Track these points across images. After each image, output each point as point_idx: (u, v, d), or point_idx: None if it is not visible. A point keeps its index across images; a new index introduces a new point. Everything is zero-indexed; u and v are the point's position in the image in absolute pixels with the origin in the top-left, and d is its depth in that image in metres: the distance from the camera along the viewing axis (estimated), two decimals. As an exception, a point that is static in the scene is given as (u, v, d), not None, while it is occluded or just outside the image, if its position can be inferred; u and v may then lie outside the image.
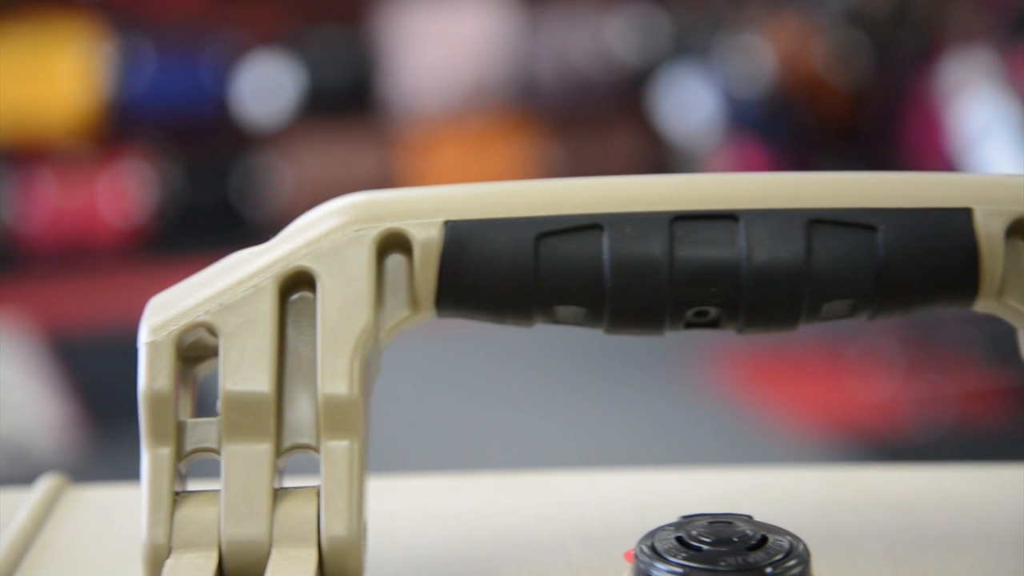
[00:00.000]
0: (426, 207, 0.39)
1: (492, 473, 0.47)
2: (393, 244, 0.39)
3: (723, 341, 2.60)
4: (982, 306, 0.40)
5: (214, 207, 2.81)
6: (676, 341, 2.53)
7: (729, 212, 0.39)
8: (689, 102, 2.98)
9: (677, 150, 3.07)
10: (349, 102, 2.96)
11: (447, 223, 0.39)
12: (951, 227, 0.39)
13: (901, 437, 2.30)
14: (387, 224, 0.39)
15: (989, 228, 0.39)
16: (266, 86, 2.89)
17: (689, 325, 0.41)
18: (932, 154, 2.53)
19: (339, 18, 3.00)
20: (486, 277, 0.39)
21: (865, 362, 2.56)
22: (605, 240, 0.39)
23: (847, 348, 2.60)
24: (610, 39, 3.16)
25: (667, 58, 3.09)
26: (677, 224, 0.39)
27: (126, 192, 2.80)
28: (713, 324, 0.41)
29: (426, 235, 0.39)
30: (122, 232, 2.78)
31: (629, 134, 3.18)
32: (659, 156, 3.12)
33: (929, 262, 0.39)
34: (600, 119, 3.15)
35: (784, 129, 2.85)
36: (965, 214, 0.39)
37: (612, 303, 0.39)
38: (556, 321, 0.41)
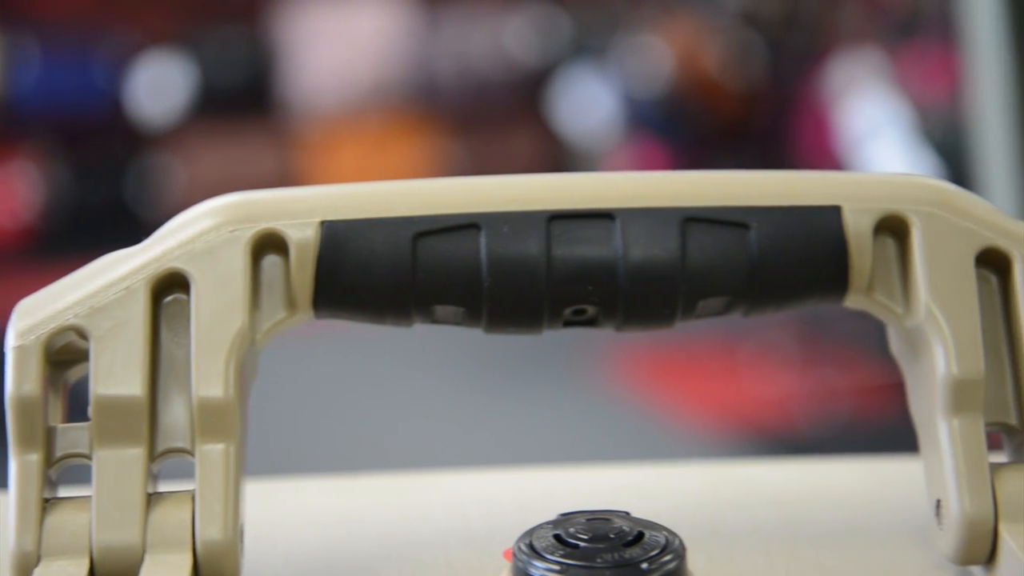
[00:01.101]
0: (302, 207, 0.39)
1: (375, 474, 0.47)
2: (269, 245, 0.39)
3: (621, 339, 2.62)
4: (852, 301, 0.41)
5: (107, 208, 2.76)
6: (574, 339, 2.55)
7: (605, 211, 0.40)
8: (587, 102, 3.00)
9: (576, 150, 3.09)
10: (246, 101, 2.94)
11: (323, 223, 0.39)
12: (821, 224, 0.40)
13: (796, 432, 2.34)
14: (262, 224, 0.39)
15: (857, 225, 0.40)
16: (160, 85, 2.85)
17: (567, 324, 0.41)
18: (822, 153, 2.58)
19: (235, 16, 2.97)
20: (363, 277, 0.39)
21: (761, 358, 2.60)
22: (482, 239, 0.39)
23: (743, 344, 2.64)
24: (509, 39, 3.17)
25: (566, 58, 3.11)
26: (554, 223, 0.40)
27: (15, 193, 2.74)
28: (591, 322, 0.41)
29: (302, 235, 0.39)
30: (11, 233, 2.72)
31: (529, 134, 3.19)
32: (558, 155, 3.14)
33: (800, 259, 0.40)
34: (500, 119, 3.16)
35: (681, 129, 2.89)
36: (834, 212, 0.40)
37: (490, 302, 0.39)
38: (435, 321, 0.41)
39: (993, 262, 0.40)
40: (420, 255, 0.39)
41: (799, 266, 0.40)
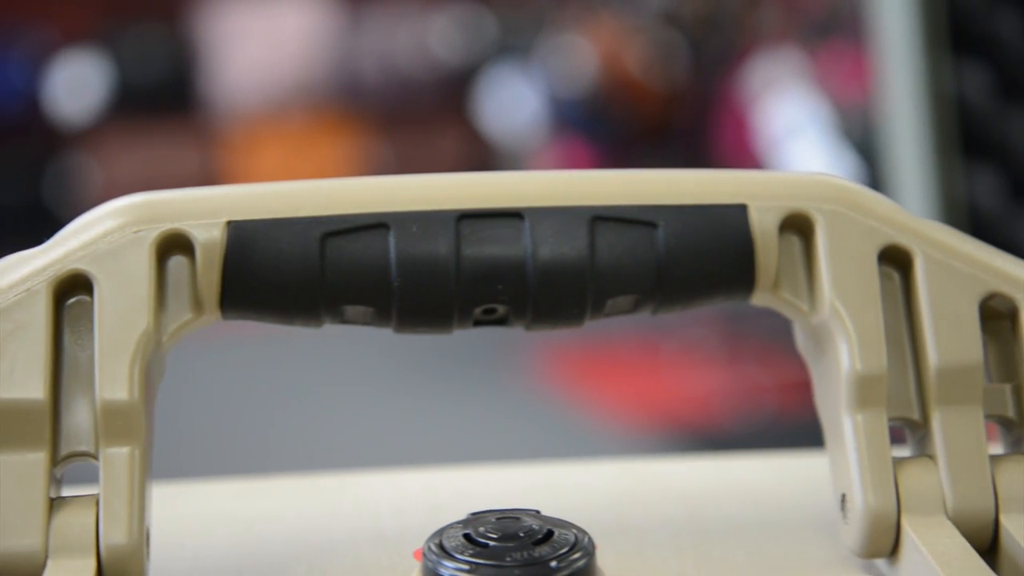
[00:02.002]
0: (208, 207, 0.39)
1: (286, 476, 0.46)
2: (174, 245, 0.39)
3: (546, 337, 2.62)
4: (759, 299, 0.41)
5: (24, 208, 2.72)
6: (499, 337, 2.55)
7: (514, 210, 0.40)
8: (512, 101, 3.00)
9: (501, 149, 3.09)
10: (166, 100, 2.90)
11: (230, 223, 0.39)
12: (727, 223, 0.40)
13: (720, 428, 2.37)
14: (167, 225, 0.38)
15: (763, 223, 0.40)
16: (78, 83, 2.81)
17: (477, 323, 0.41)
18: (743, 152, 2.60)
19: (155, 14, 2.93)
20: (271, 278, 0.39)
21: (686, 356, 2.62)
22: (391, 239, 0.39)
23: (668, 342, 2.66)
24: (433, 38, 3.17)
25: (490, 58, 3.11)
26: (463, 222, 0.40)
27: (-71, 194, 2.68)
28: (501, 322, 0.41)
29: (208, 236, 0.38)
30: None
31: (454, 133, 3.19)
32: (483, 155, 3.14)
33: (707, 257, 0.40)
34: (425, 118, 3.15)
35: (605, 128, 2.90)
36: (740, 210, 0.40)
37: (399, 302, 0.39)
38: (344, 321, 0.41)
39: (896, 259, 0.40)
40: (328, 255, 0.39)
41: (706, 264, 0.40)
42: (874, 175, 2.04)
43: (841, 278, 0.39)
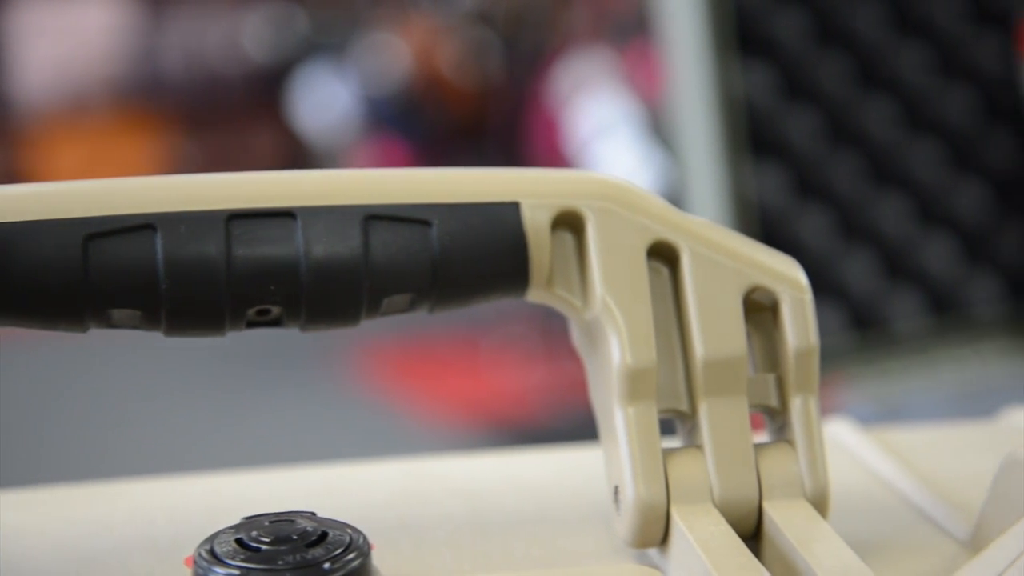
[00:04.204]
0: (-39, 209, 0.37)
1: (55, 487, 0.45)
2: (-74, 250, 0.37)
3: (364, 336, 2.61)
4: (534, 296, 0.41)
5: None
6: (316, 337, 2.53)
7: (286, 210, 0.39)
8: (325, 99, 2.98)
9: (315, 148, 3.06)
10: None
11: (-15, 226, 0.37)
12: (500, 220, 0.40)
13: (539, 423, 2.39)
14: (-83, 228, 0.37)
15: (535, 220, 0.40)
16: None
17: (251, 324, 0.40)
18: (554, 152, 2.64)
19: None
20: (32, 282, 0.38)
21: (504, 352, 2.64)
22: (158, 240, 0.38)
23: (487, 339, 2.67)
24: (244, 35, 3.12)
25: (303, 55, 3.08)
26: (233, 223, 0.39)
27: None
28: (276, 322, 0.41)
29: None
30: None
31: (266, 131, 3.14)
32: (297, 153, 3.11)
33: (481, 255, 0.40)
34: (235, 116, 3.10)
35: (418, 126, 2.90)
36: (513, 208, 0.41)
37: (168, 305, 0.39)
38: (111, 325, 0.40)
39: (664, 255, 0.41)
40: (92, 258, 0.38)
41: (480, 261, 0.40)
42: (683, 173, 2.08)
43: (611, 274, 0.40)
